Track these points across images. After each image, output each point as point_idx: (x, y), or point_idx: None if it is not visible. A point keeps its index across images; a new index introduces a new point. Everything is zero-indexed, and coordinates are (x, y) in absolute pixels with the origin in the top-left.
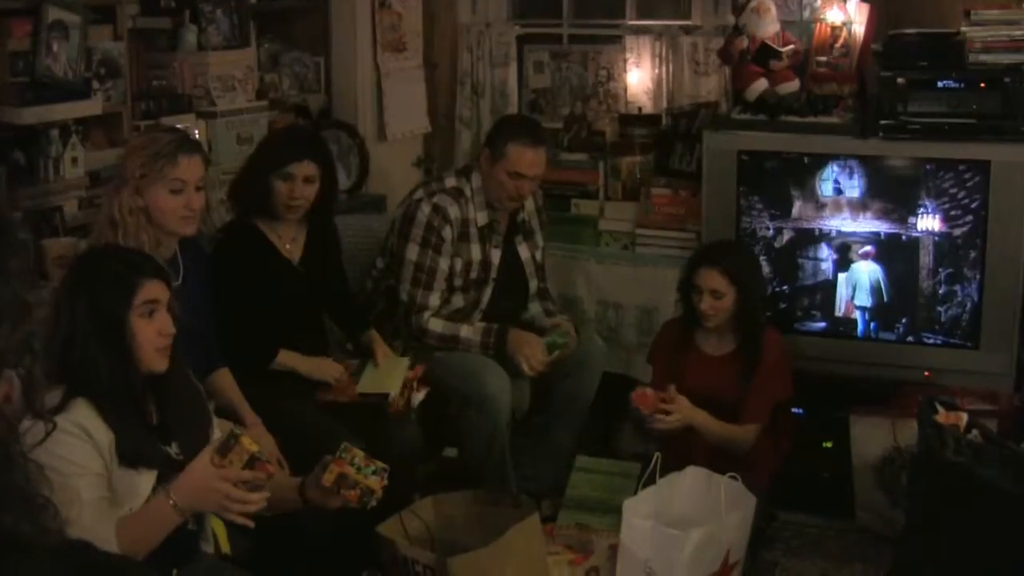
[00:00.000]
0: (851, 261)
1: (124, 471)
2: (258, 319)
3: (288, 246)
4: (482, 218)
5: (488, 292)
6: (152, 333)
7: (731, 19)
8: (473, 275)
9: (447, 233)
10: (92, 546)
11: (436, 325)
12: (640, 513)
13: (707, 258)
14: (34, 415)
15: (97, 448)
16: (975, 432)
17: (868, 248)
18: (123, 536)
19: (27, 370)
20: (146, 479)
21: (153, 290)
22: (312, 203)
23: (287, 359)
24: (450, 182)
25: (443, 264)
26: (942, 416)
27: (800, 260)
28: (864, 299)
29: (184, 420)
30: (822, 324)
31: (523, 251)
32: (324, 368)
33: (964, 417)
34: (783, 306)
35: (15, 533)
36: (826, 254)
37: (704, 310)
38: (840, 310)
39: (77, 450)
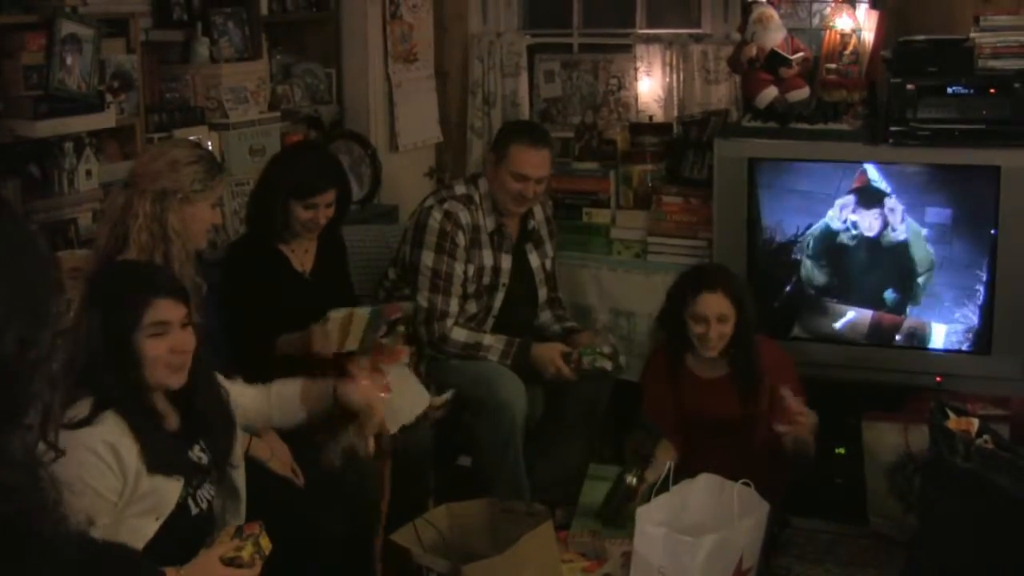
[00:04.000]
0: (862, 266)
1: (152, 478)
2: (270, 330)
3: (300, 259)
4: (491, 223)
5: (499, 298)
6: (163, 351)
7: (736, 36)
8: (485, 281)
9: (460, 239)
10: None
11: (459, 334)
12: (653, 520)
13: (705, 284)
14: (46, 443)
15: (121, 466)
16: (986, 437)
17: (881, 252)
18: None
19: (48, 400)
20: (173, 486)
21: (163, 310)
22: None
23: (283, 345)
24: (459, 189)
25: (458, 269)
26: (953, 422)
27: (811, 266)
28: (876, 304)
29: (207, 422)
30: (833, 329)
31: (533, 259)
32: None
33: (975, 423)
34: (793, 313)
35: (50, 539)
36: (837, 260)
37: (712, 338)
38: (851, 315)
39: (94, 472)
